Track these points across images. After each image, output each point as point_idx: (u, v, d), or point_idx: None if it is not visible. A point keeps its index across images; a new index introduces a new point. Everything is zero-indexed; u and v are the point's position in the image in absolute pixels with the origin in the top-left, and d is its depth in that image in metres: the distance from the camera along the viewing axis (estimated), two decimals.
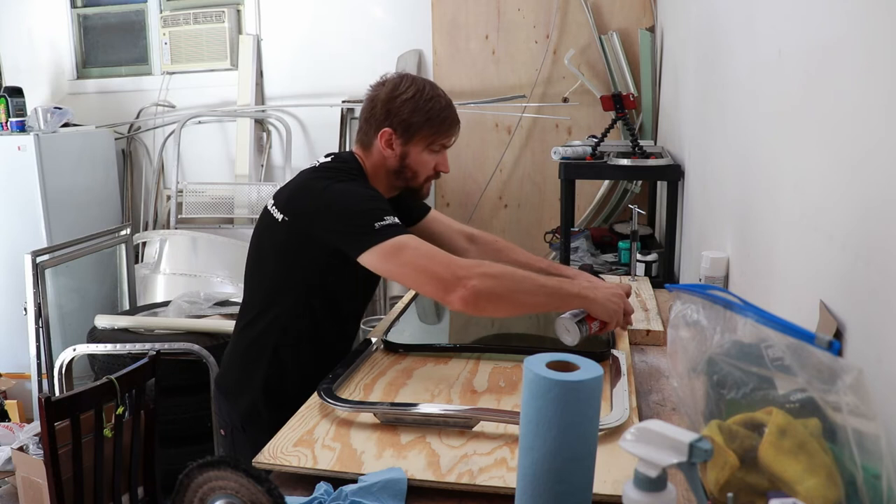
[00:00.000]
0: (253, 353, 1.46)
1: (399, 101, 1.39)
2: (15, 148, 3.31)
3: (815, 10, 1.04)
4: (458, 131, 1.47)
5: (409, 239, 1.25)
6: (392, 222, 1.26)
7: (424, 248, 1.24)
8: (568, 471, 0.75)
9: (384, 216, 1.26)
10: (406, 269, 1.23)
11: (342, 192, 1.32)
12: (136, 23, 4.13)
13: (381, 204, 1.32)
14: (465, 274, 1.17)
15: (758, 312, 0.84)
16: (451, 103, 1.45)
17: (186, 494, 0.79)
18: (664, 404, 1.21)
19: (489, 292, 1.18)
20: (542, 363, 0.78)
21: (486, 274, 1.18)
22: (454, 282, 1.17)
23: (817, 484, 0.70)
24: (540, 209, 3.60)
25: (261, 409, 1.43)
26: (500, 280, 1.19)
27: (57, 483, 1.69)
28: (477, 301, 1.17)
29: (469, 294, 1.16)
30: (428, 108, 1.39)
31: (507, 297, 1.19)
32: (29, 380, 2.94)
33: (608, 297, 1.27)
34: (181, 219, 3.73)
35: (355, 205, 1.29)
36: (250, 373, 1.47)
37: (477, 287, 1.16)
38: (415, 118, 1.39)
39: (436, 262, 1.21)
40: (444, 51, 3.58)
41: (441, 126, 1.42)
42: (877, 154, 0.80)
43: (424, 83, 1.42)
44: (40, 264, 2.65)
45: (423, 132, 1.41)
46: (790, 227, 1.14)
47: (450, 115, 1.43)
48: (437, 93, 1.42)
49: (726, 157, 1.66)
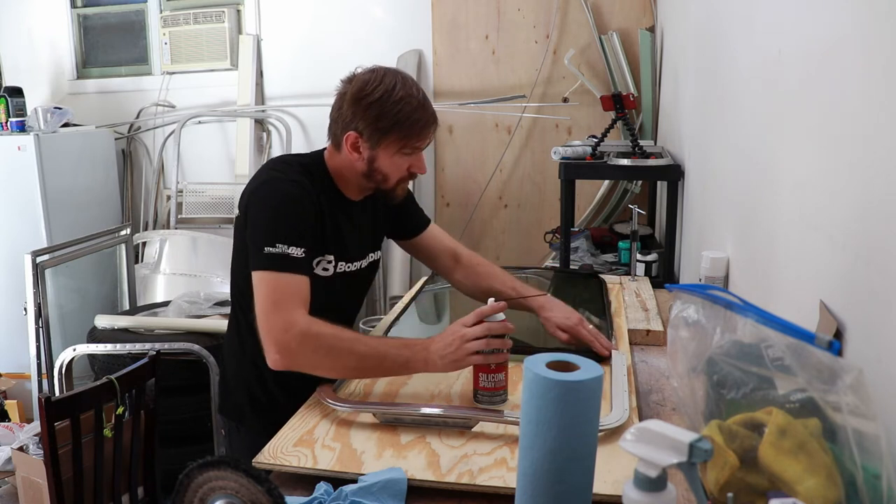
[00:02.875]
0: (235, 355, 1.45)
1: (365, 104, 1.28)
2: (15, 148, 3.30)
3: (815, 9, 1.04)
4: (434, 130, 1.35)
5: (279, 279, 1.22)
6: (281, 252, 1.22)
7: (279, 296, 1.21)
8: (568, 471, 0.75)
9: (277, 243, 1.22)
10: (258, 302, 1.22)
11: (261, 203, 1.29)
12: (136, 23, 4.13)
13: (285, 230, 1.24)
14: (290, 343, 1.18)
15: (758, 312, 0.84)
16: (425, 102, 1.32)
17: (186, 494, 0.79)
18: (664, 404, 1.21)
19: (301, 360, 1.19)
20: (542, 363, 0.78)
21: (302, 350, 1.18)
22: (281, 343, 1.18)
23: (817, 484, 0.70)
24: (540, 209, 3.60)
25: (246, 412, 1.44)
26: (312, 352, 1.19)
27: (57, 483, 1.69)
28: (288, 367, 1.19)
29: (281, 362, 1.18)
30: (397, 110, 1.27)
31: (320, 369, 1.21)
32: (29, 380, 2.94)
33: (442, 349, 1.16)
34: (181, 219, 3.73)
35: (261, 220, 1.27)
36: (234, 373, 1.47)
37: (291, 358, 1.18)
38: (382, 122, 1.28)
39: (275, 317, 1.19)
40: (444, 51, 3.59)
41: (412, 129, 1.30)
42: (877, 154, 0.80)
43: (395, 80, 1.29)
44: (40, 264, 2.65)
45: (393, 136, 1.30)
46: (790, 226, 1.14)
47: (421, 116, 1.30)
48: (408, 91, 1.29)
49: (726, 157, 1.66)
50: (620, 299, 1.75)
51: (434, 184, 3.69)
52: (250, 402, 1.43)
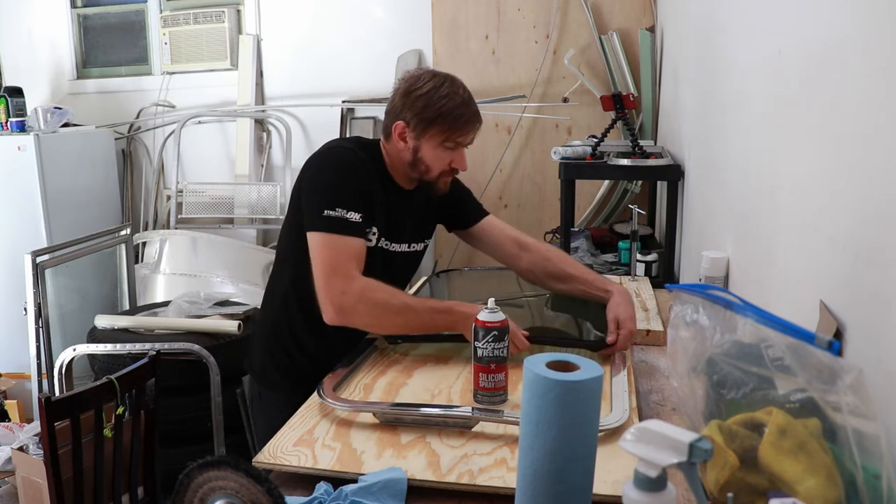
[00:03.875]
0: (261, 327, 1.57)
1: (414, 96, 1.39)
2: (15, 148, 3.30)
3: (815, 9, 1.04)
4: (477, 129, 1.44)
5: (338, 241, 1.31)
6: (340, 216, 1.31)
7: (337, 258, 1.30)
8: (568, 471, 0.75)
9: (337, 207, 1.31)
10: (316, 263, 1.32)
11: (322, 167, 1.39)
12: (136, 23, 4.13)
13: (344, 195, 1.33)
14: (346, 302, 1.29)
15: (758, 312, 0.84)
16: (470, 101, 1.42)
17: (186, 494, 0.79)
18: (664, 404, 1.21)
19: (357, 317, 1.31)
20: (542, 363, 0.78)
21: (360, 308, 1.30)
22: (336, 302, 1.29)
23: (817, 484, 0.70)
24: (540, 209, 3.60)
25: (269, 369, 1.55)
26: (370, 315, 1.32)
27: (57, 483, 1.69)
28: (344, 324, 1.31)
29: (338, 320, 1.30)
30: (441, 104, 1.37)
31: (373, 327, 1.37)
32: (29, 380, 2.94)
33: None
34: (181, 219, 3.73)
35: (322, 184, 1.36)
36: (259, 334, 1.58)
37: (348, 316, 1.30)
38: (427, 113, 1.38)
39: (334, 278, 1.30)
40: (444, 51, 3.58)
41: (454, 123, 1.39)
42: (877, 154, 0.80)
43: (445, 79, 1.40)
44: (40, 264, 2.65)
45: (435, 128, 1.39)
46: (790, 227, 1.14)
47: (465, 112, 1.40)
48: (454, 89, 1.39)
49: (726, 157, 1.66)
50: None
51: None
52: (273, 361, 1.53)
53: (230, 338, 2.50)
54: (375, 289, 1.30)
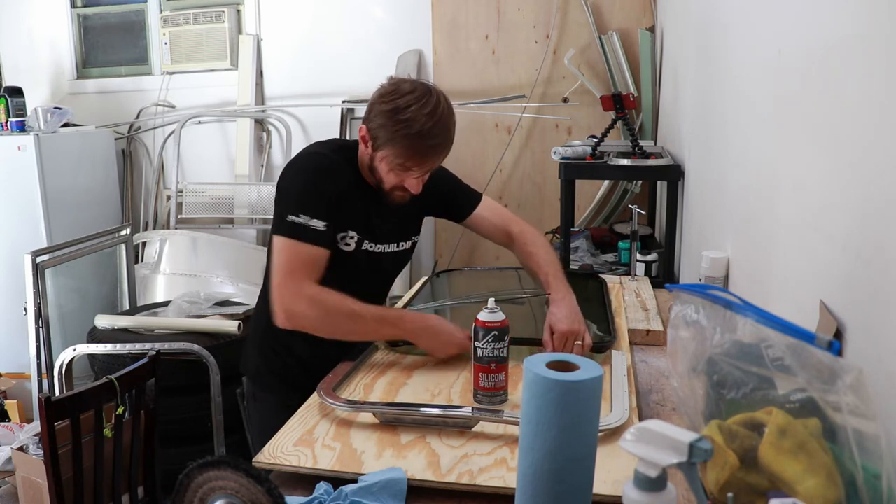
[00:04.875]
0: (257, 319, 1.58)
1: (377, 110, 1.33)
2: (15, 148, 3.30)
3: (815, 10, 1.04)
4: (435, 161, 1.37)
5: (297, 247, 1.32)
6: (303, 223, 1.31)
7: (293, 263, 1.31)
8: (568, 471, 0.75)
9: (301, 213, 1.31)
10: (274, 266, 1.34)
11: (294, 172, 1.39)
12: (136, 23, 4.13)
13: (310, 202, 1.33)
14: (295, 308, 1.31)
15: (758, 312, 0.84)
16: (431, 132, 1.31)
17: (186, 494, 0.79)
18: (664, 404, 1.21)
19: (305, 323, 1.33)
20: (542, 363, 0.78)
21: (308, 314, 1.31)
22: (286, 307, 1.31)
23: (817, 484, 0.70)
24: (540, 209, 3.60)
25: (263, 372, 1.58)
26: (317, 321, 1.33)
27: (57, 483, 1.69)
28: (294, 328, 1.33)
29: (288, 324, 1.32)
30: (397, 129, 1.30)
31: (321, 333, 1.35)
32: (29, 380, 2.94)
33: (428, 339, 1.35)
34: (181, 219, 3.73)
35: (291, 189, 1.36)
36: (253, 336, 1.61)
37: (296, 320, 1.32)
38: (383, 132, 1.32)
39: (289, 283, 1.31)
40: (444, 51, 3.58)
41: (405, 152, 1.32)
42: (877, 154, 0.80)
43: (413, 101, 1.30)
44: (40, 264, 2.65)
45: (386, 150, 1.33)
46: (790, 227, 1.14)
47: (418, 144, 1.31)
48: (418, 115, 1.29)
49: (726, 156, 1.66)
50: (620, 299, 1.75)
51: None
52: (265, 364, 1.56)
53: (230, 338, 2.50)
54: (325, 296, 1.31)
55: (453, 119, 1.37)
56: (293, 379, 1.48)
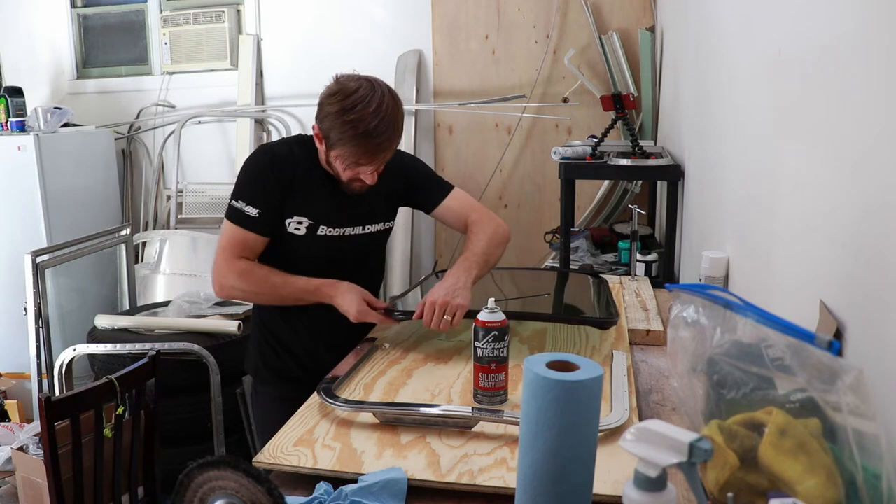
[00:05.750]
0: (254, 316, 1.69)
1: (325, 111, 1.40)
2: (15, 148, 3.30)
3: (815, 9, 1.04)
4: (384, 157, 1.44)
5: (233, 229, 1.48)
6: (240, 208, 1.46)
7: (228, 242, 1.49)
8: (568, 471, 0.75)
9: (240, 199, 1.47)
10: (218, 242, 1.52)
11: (245, 162, 1.52)
12: (136, 23, 4.13)
13: (247, 190, 1.47)
14: (225, 282, 1.50)
15: (758, 312, 0.84)
16: (374, 131, 1.36)
17: (186, 494, 0.79)
18: (664, 404, 1.21)
19: (236, 295, 1.53)
20: (542, 363, 0.78)
21: (236, 285, 1.50)
22: (219, 280, 1.50)
23: (817, 484, 0.70)
24: (540, 209, 3.60)
25: (260, 367, 1.66)
26: (245, 291, 1.52)
27: (57, 483, 1.69)
28: (226, 297, 1.54)
29: (220, 293, 1.52)
30: (343, 130, 1.37)
31: (250, 299, 1.59)
32: (29, 380, 2.94)
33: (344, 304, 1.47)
34: (181, 219, 3.73)
35: (238, 178, 1.51)
36: (253, 332, 1.69)
37: (227, 291, 1.51)
38: (331, 134, 1.40)
39: (222, 259, 1.49)
40: (444, 51, 3.58)
41: (352, 152, 1.40)
42: (877, 154, 0.80)
43: (357, 102, 1.36)
44: (40, 264, 2.65)
45: (336, 150, 1.42)
46: (790, 227, 1.14)
47: (362, 143, 1.38)
48: (361, 115, 1.35)
49: (726, 157, 1.66)
50: (620, 299, 1.76)
51: None
52: (263, 360, 1.65)
53: (230, 338, 2.50)
54: (250, 271, 1.49)
55: (400, 111, 1.43)
56: (290, 373, 1.61)
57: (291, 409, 1.16)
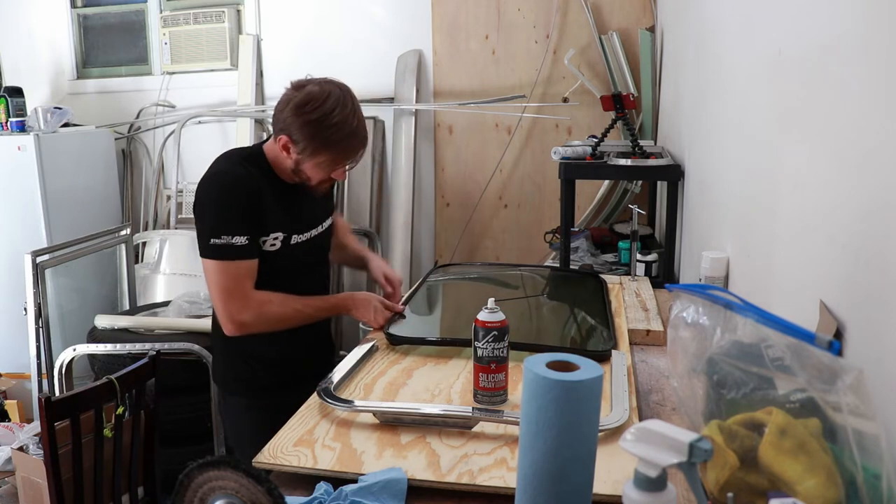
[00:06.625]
0: (217, 331, 1.60)
1: (304, 119, 1.40)
2: (15, 148, 3.30)
3: (815, 9, 1.04)
4: (363, 152, 1.48)
5: (228, 266, 1.42)
6: (226, 243, 1.41)
7: (230, 282, 1.42)
8: (568, 471, 0.75)
9: (223, 235, 1.41)
10: (211, 287, 1.45)
11: (206, 196, 1.47)
12: (136, 23, 4.12)
13: (227, 221, 1.42)
14: (243, 319, 1.44)
15: (758, 312, 0.84)
16: (357, 128, 1.43)
17: (186, 494, 0.79)
18: (664, 404, 1.21)
19: (256, 329, 1.47)
20: (542, 363, 0.78)
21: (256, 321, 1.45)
22: (234, 320, 1.45)
23: (817, 484, 0.70)
24: (540, 209, 3.60)
25: (229, 379, 1.63)
26: (269, 322, 1.48)
27: (57, 483, 1.69)
28: (245, 334, 1.47)
29: (238, 333, 1.46)
30: (330, 133, 1.39)
31: (268, 329, 1.50)
32: (29, 380, 2.94)
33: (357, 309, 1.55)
34: (181, 219, 3.73)
35: (207, 214, 1.46)
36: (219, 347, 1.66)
37: (247, 328, 1.46)
38: (315, 142, 1.41)
39: (230, 300, 1.43)
40: (444, 51, 3.58)
41: (342, 153, 1.44)
42: (877, 154, 0.80)
43: (336, 105, 1.39)
44: (40, 264, 2.65)
45: (323, 155, 1.43)
46: (790, 227, 1.14)
47: (351, 142, 1.43)
48: (344, 116, 1.39)
49: (726, 157, 1.66)
50: (620, 299, 1.75)
51: (434, 184, 3.69)
52: (231, 370, 1.62)
53: None
54: (268, 302, 1.45)
55: (358, 102, 1.46)
56: (258, 381, 1.58)
57: (263, 417, 1.18)
